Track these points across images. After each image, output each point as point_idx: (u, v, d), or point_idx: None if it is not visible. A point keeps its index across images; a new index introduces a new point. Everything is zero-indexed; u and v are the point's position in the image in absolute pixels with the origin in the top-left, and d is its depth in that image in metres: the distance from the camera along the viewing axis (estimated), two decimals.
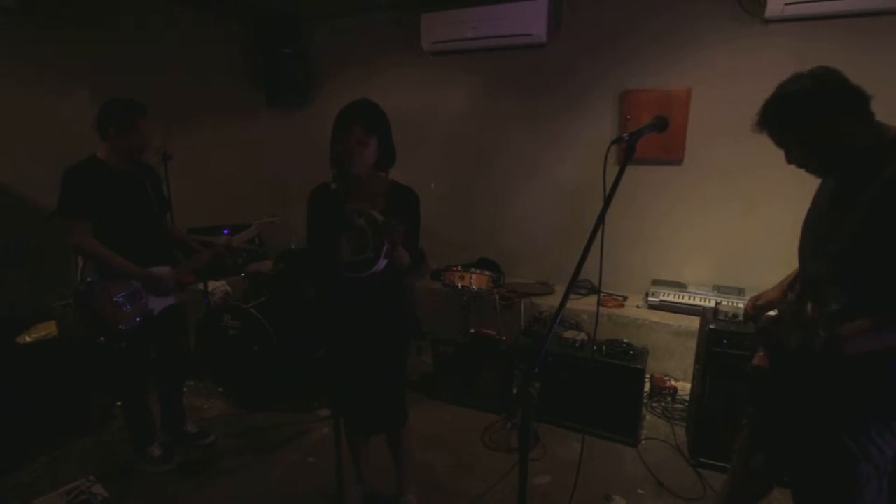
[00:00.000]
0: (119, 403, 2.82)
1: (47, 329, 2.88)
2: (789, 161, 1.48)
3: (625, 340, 2.93)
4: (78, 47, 3.51)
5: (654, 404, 3.14)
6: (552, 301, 3.73)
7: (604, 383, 2.76)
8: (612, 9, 3.66)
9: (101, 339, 2.33)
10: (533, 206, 4.18)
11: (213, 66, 4.43)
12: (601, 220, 1.27)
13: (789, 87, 1.41)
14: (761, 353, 1.65)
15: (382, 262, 1.68)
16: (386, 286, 1.93)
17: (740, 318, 2.46)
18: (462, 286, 3.24)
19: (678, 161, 3.60)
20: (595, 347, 2.90)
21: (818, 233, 1.48)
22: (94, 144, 2.30)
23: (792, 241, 3.39)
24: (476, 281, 3.24)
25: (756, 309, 1.77)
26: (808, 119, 1.36)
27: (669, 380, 3.26)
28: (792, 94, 1.38)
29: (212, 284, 3.62)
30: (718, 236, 3.59)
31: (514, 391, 3.05)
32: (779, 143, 1.47)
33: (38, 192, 3.20)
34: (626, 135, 1.31)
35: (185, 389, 3.01)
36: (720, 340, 2.42)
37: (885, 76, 3.00)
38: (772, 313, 1.71)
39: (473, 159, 4.35)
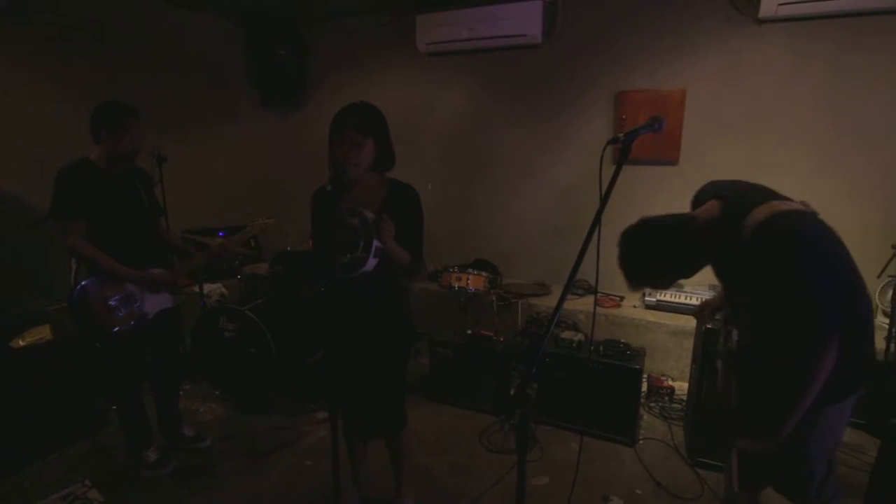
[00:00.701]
0: (114, 407, 2.80)
1: (41, 333, 2.86)
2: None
3: (622, 340, 2.93)
4: (71, 49, 3.49)
5: (652, 404, 3.14)
6: (549, 301, 3.73)
7: (601, 384, 2.76)
8: (607, 9, 3.67)
9: (97, 344, 2.31)
10: (529, 207, 4.18)
11: (209, 67, 4.42)
12: (597, 220, 1.27)
13: (631, 254, 1.54)
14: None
15: (373, 262, 1.68)
16: (385, 288, 1.92)
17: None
18: (459, 287, 3.24)
19: (674, 161, 3.61)
20: (592, 348, 2.90)
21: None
22: (87, 147, 2.28)
23: None
24: (473, 282, 3.24)
25: (704, 314, 2.11)
26: (664, 266, 1.53)
27: (667, 379, 3.26)
28: (642, 259, 1.53)
29: (208, 287, 3.60)
30: None
31: (512, 392, 3.04)
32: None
33: (30, 194, 3.19)
34: (621, 135, 1.30)
35: (181, 393, 3.00)
36: (717, 340, 2.42)
37: (878, 74, 3.04)
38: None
39: (470, 160, 4.35)
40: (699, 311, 2.12)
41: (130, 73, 3.75)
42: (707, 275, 3.81)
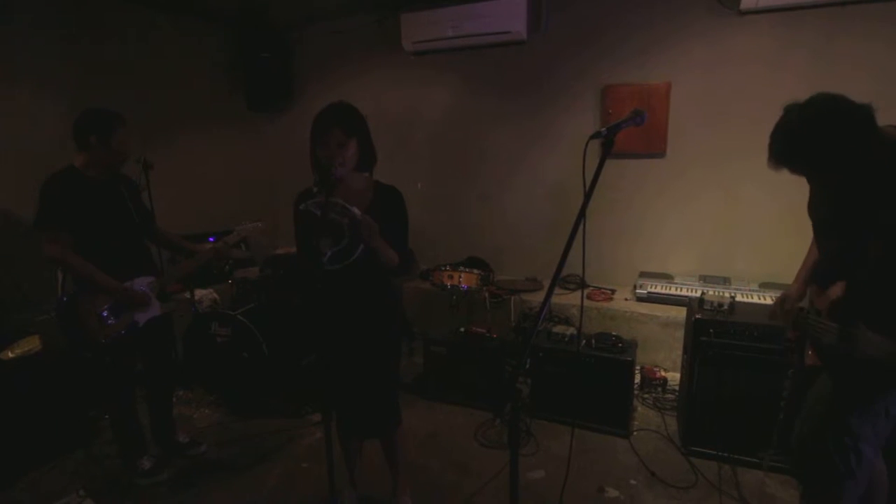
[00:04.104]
0: (107, 417, 2.78)
1: (31, 343, 2.83)
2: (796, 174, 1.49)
3: (614, 333, 2.95)
4: (55, 56, 3.45)
5: (645, 395, 3.16)
6: (541, 297, 3.72)
7: (595, 376, 2.78)
8: (591, 4, 3.69)
9: (87, 354, 2.29)
10: (519, 203, 4.19)
11: (194, 72, 4.39)
12: (582, 214, 1.28)
13: (801, 120, 1.38)
14: (811, 352, 1.65)
15: (360, 250, 1.68)
16: (376, 287, 1.93)
17: (725, 307, 2.50)
18: (451, 285, 3.24)
19: (661, 153, 3.63)
20: (585, 341, 2.91)
21: (845, 225, 1.50)
22: (71, 155, 2.26)
23: (774, 228, 3.43)
24: (465, 279, 3.24)
25: (787, 312, 1.75)
26: (831, 148, 1.34)
27: (659, 370, 3.29)
28: (809, 129, 1.36)
29: (199, 292, 3.59)
30: (703, 226, 3.63)
31: (503, 387, 3.05)
32: (797, 173, 1.48)
33: (15, 203, 3.15)
34: (603, 129, 1.32)
35: (174, 399, 2.98)
36: (706, 330, 2.44)
37: (862, 61, 3.06)
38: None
39: (459, 158, 4.35)
40: (779, 307, 1.79)
41: (114, 80, 3.71)
42: (694, 265, 3.85)
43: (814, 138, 1.35)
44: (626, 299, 3.65)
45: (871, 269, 1.38)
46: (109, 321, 2.27)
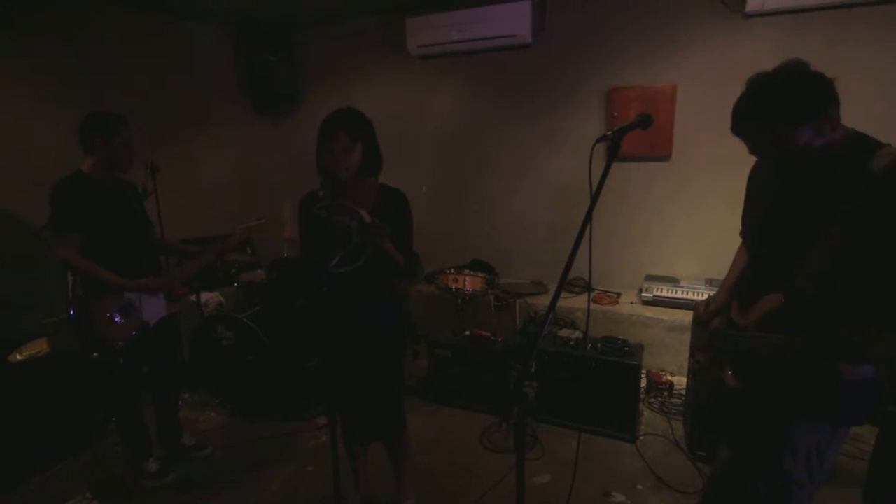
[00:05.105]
0: (114, 419, 2.79)
1: (39, 347, 2.85)
2: (756, 153, 1.49)
3: (620, 337, 2.93)
4: (60, 62, 3.48)
5: (652, 400, 3.14)
6: (546, 300, 3.73)
7: (600, 380, 2.77)
8: (595, 8, 3.69)
9: (95, 355, 2.31)
10: (524, 206, 4.19)
11: (199, 76, 4.42)
12: (588, 217, 1.27)
13: (770, 80, 1.39)
14: (730, 374, 1.51)
15: (366, 253, 1.69)
16: (380, 290, 1.93)
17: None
18: (456, 289, 3.24)
19: (666, 157, 3.63)
20: (590, 345, 2.90)
21: (785, 232, 1.43)
22: (78, 160, 2.28)
23: None
24: (470, 283, 3.24)
25: (709, 314, 1.72)
26: (798, 110, 1.32)
27: (665, 375, 3.27)
28: (778, 86, 1.36)
29: (205, 295, 3.60)
30: (709, 229, 3.61)
31: (509, 390, 3.05)
32: (756, 141, 1.45)
33: (23, 207, 3.18)
34: (610, 132, 1.31)
35: (180, 402, 2.99)
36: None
37: (867, 64, 3.05)
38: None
39: (464, 161, 4.35)
40: (704, 309, 1.79)
41: (119, 84, 3.74)
42: (699, 268, 3.83)
43: (789, 85, 1.34)
44: (631, 303, 3.64)
45: (824, 269, 1.25)
46: (119, 322, 2.28)
